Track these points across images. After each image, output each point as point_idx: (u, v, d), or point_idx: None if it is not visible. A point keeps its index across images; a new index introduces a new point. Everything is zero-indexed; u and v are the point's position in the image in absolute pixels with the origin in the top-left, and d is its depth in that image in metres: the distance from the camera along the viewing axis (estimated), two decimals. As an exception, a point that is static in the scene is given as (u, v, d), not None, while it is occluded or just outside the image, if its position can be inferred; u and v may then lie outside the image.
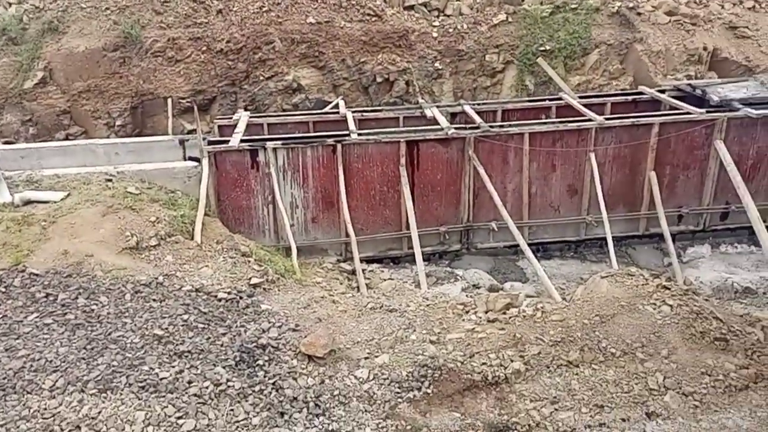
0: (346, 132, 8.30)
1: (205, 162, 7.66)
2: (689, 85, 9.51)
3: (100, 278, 5.86)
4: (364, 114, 9.34)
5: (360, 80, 10.77)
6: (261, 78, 10.11)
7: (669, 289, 6.25)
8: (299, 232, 8.21)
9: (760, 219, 7.49)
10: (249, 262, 6.70)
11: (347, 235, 8.00)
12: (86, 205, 6.80)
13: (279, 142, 7.92)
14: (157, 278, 5.95)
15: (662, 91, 9.50)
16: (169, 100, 9.62)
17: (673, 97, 9.10)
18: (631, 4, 11.35)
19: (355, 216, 8.15)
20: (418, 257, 7.63)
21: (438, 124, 8.52)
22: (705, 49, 10.96)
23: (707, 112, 8.31)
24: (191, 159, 8.16)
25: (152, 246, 6.46)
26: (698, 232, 8.74)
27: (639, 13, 11.22)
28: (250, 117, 9.04)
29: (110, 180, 7.42)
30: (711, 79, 10.27)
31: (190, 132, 9.57)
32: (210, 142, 7.97)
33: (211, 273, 6.28)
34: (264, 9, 10.46)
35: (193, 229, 7.00)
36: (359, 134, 8.26)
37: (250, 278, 6.32)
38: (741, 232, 8.57)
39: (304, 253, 8.00)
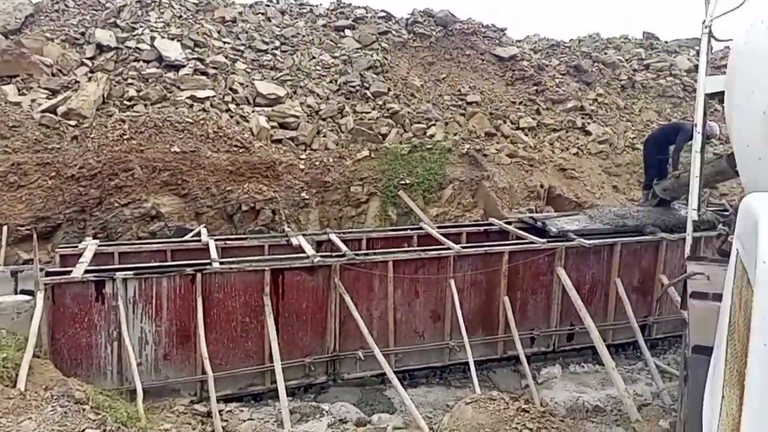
0: (208, 261, 7.98)
1: (39, 295, 6.86)
2: (531, 217, 10.53)
3: None
4: (228, 242, 9.10)
5: (225, 208, 10.67)
6: (116, 205, 9.64)
7: (528, 411, 6.41)
8: (148, 371, 7.43)
9: (601, 339, 8.16)
10: (84, 410, 5.84)
11: (204, 372, 7.38)
12: None
13: (130, 272, 7.37)
14: (-40, 437, 4.97)
15: (509, 223, 10.40)
16: (5, 228, 8.75)
17: (519, 228, 9.98)
18: (478, 147, 12.74)
19: (214, 350, 7.61)
20: (282, 392, 7.17)
21: (304, 252, 8.52)
22: (542, 186, 12.43)
23: (548, 241, 9.16)
24: (23, 292, 7.29)
25: (-40, 397, 5.45)
26: (549, 353, 9.24)
27: (485, 155, 12.59)
28: (99, 246, 8.41)
29: None
30: (549, 213, 11.51)
31: (26, 262, 8.67)
32: (48, 273, 7.21)
33: (34, 426, 5.36)
34: (125, 137, 10.27)
35: (17, 375, 6.06)
36: (221, 263, 7.96)
37: (83, 430, 5.49)
38: (586, 352, 9.18)
39: (153, 395, 7.20)
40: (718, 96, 6.25)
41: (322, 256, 8.36)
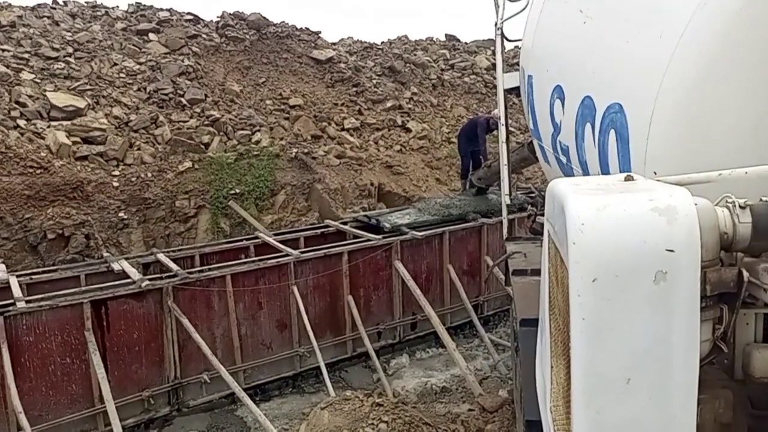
0: (10, 301, 6.91)
1: None
2: (365, 216, 10.81)
3: None
4: (34, 277, 7.99)
5: (26, 239, 9.31)
6: None
7: (382, 405, 6.56)
8: (-57, 442, 6.22)
9: (441, 323, 8.66)
10: None
11: (19, 429, 6.38)
12: None
13: None
14: None
15: (345, 223, 10.56)
16: None
17: (354, 228, 10.17)
18: (306, 150, 12.70)
19: (30, 401, 6.64)
20: (119, 435, 6.49)
21: (129, 277, 7.79)
22: (372, 184, 12.81)
23: (384, 237, 9.47)
24: None
25: None
26: (396, 344, 9.59)
27: (314, 158, 12.60)
28: None
29: None
30: (381, 210, 11.92)
31: None
32: None
33: None
34: None
35: None
36: (28, 301, 6.97)
37: None
38: (429, 338, 9.69)
39: (-47, 469, 6.05)
40: (516, 90, 6.92)
41: (150, 279, 7.74)
